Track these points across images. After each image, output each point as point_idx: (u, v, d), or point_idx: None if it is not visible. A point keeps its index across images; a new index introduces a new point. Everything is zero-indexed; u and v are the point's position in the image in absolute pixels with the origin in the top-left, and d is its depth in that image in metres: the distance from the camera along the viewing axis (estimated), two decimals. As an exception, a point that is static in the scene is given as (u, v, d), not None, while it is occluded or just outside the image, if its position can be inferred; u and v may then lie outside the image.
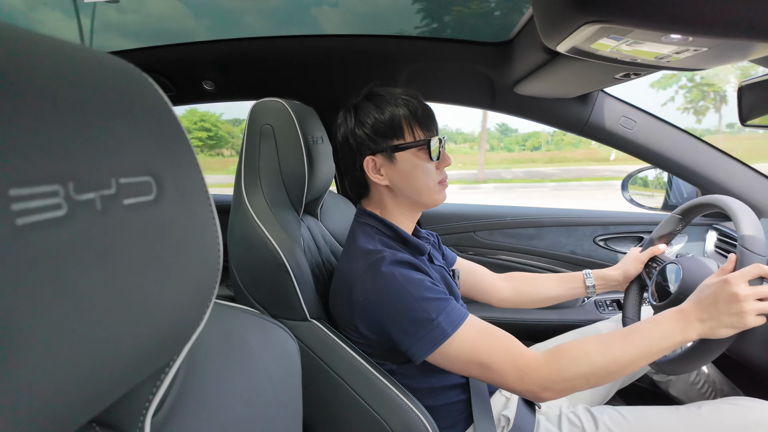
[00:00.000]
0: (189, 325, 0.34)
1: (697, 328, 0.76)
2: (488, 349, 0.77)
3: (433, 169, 0.88)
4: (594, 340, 0.77)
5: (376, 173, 0.89)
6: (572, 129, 1.44)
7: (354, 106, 0.90)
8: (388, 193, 0.91)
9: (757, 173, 1.36)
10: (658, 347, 0.75)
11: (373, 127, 0.86)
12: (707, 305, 0.76)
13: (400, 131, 0.86)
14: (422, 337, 0.77)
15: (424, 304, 0.77)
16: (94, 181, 0.24)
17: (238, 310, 0.57)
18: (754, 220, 0.87)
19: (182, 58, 1.47)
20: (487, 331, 0.80)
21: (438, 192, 0.90)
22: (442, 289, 0.83)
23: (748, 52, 0.66)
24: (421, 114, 0.87)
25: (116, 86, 0.28)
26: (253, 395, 0.48)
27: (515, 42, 1.24)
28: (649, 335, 0.76)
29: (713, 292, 0.76)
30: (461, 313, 0.80)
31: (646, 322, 0.79)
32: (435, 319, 0.76)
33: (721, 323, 0.75)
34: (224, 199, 1.88)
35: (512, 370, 0.76)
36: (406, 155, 0.87)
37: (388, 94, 0.88)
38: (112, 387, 0.27)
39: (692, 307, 0.77)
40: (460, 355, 0.77)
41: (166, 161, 0.30)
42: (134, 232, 0.26)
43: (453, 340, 0.77)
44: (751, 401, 0.88)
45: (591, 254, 1.68)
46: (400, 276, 0.79)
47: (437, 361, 0.79)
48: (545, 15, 0.65)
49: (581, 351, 0.76)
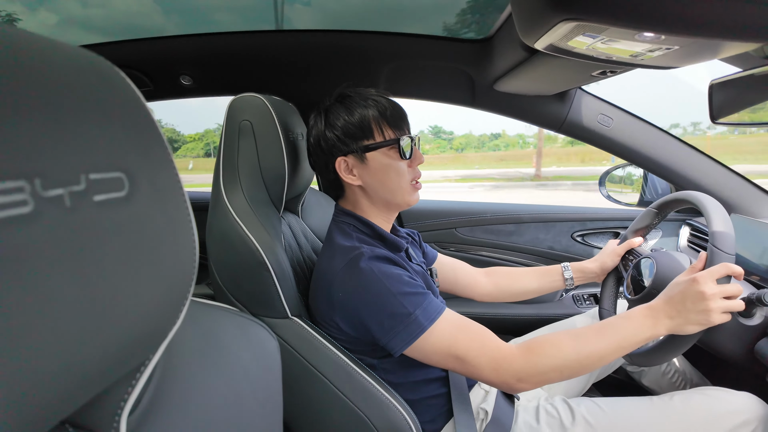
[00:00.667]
0: (164, 325, 0.33)
1: (666, 324, 0.79)
2: (465, 342, 0.79)
3: (405, 167, 0.90)
4: (568, 335, 0.80)
5: (349, 174, 0.89)
6: (551, 126, 1.46)
7: (324, 109, 0.90)
8: (362, 193, 0.92)
9: (728, 170, 1.40)
10: (629, 342, 0.78)
11: (342, 129, 0.87)
12: (676, 303, 0.79)
13: (370, 132, 0.87)
14: (400, 331, 0.78)
15: (401, 299, 0.78)
16: (62, 177, 0.23)
17: (216, 308, 0.56)
18: (725, 216, 0.89)
19: (159, 53, 1.44)
20: (464, 324, 0.81)
21: (410, 193, 0.91)
22: (419, 283, 0.84)
23: (717, 51, 0.68)
24: (391, 113, 0.88)
25: (86, 80, 0.27)
26: (231, 394, 0.48)
27: (494, 39, 1.25)
28: (620, 331, 0.79)
29: (682, 291, 0.79)
30: (438, 307, 0.81)
31: (617, 318, 0.82)
32: (412, 313, 0.78)
33: (688, 320, 0.78)
34: (202, 197, 1.85)
35: (488, 363, 0.78)
36: (376, 155, 0.88)
37: (359, 96, 0.89)
38: (83, 387, 0.27)
39: (662, 305, 0.80)
40: (437, 348, 0.79)
41: (138, 157, 0.29)
42: (105, 229, 0.26)
43: (430, 333, 0.78)
44: (719, 391, 0.91)
45: (569, 249, 1.71)
46: (378, 271, 0.80)
47: (415, 354, 0.80)
48: (523, 13, 0.66)
49: (555, 345, 0.78)
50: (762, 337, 0.92)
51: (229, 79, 1.50)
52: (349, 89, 0.91)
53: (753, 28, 0.56)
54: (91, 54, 0.29)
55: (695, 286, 0.78)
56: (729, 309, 0.78)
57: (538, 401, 0.99)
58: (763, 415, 0.86)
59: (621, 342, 0.78)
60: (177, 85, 1.49)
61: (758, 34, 0.58)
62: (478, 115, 47.35)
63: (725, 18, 0.55)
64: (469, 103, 1.47)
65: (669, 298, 0.80)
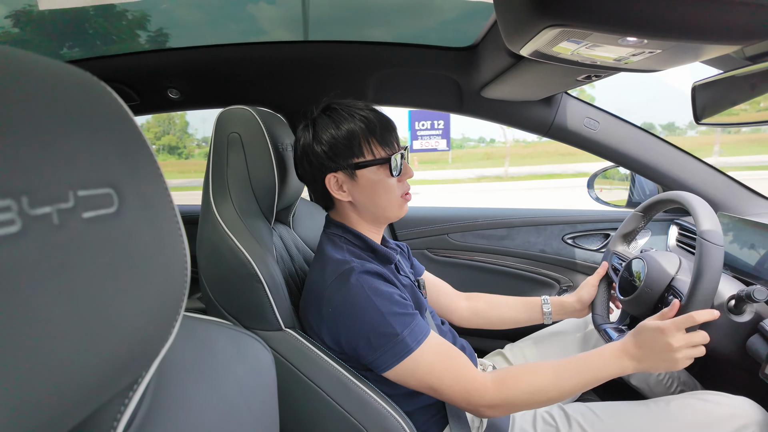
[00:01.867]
0: (156, 341, 0.32)
1: (634, 365, 0.84)
2: (441, 369, 0.81)
3: (394, 183, 0.90)
4: (544, 371, 0.83)
5: (339, 190, 0.89)
6: (538, 131, 1.47)
7: (312, 121, 0.89)
8: (352, 208, 0.92)
9: (713, 169, 1.42)
10: (597, 379, 0.84)
11: (330, 144, 0.86)
12: (645, 349, 0.83)
13: (359, 149, 0.86)
14: (386, 351, 0.79)
15: (390, 318, 0.79)
16: (49, 195, 0.23)
17: (208, 322, 0.55)
18: (712, 215, 0.91)
19: (145, 67, 1.43)
20: (444, 350, 0.83)
21: (399, 207, 0.92)
22: (408, 302, 0.85)
23: (699, 54, 0.69)
24: (380, 130, 0.87)
25: (72, 96, 0.27)
26: (226, 408, 0.47)
27: (480, 47, 1.27)
28: (590, 370, 0.83)
29: (651, 339, 0.83)
30: (424, 328, 0.82)
31: (590, 356, 0.86)
32: (400, 334, 0.78)
33: (655, 365, 0.83)
34: (192, 210, 1.84)
35: (460, 393, 0.81)
36: (367, 172, 0.87)
37: (346, 109, 0.88)
38: (74, 408, 0.26)
39: (632, 348, 0.84)
40: (416, 371, 0.80)
41: (127, 172, 0.29)
42: (95, 246, 0.25)
43: (414, 355, 0.79)
44: (717, 395, 0.91)
45: (560, 252, 1.72)
46: (369, 288, 0.80)
47: (397, 375, 0.81)
48: (508, 20, 0.67)
49: (529, 381, 0.82)
50: (753, 333, 0.93)
51: (217, 92, 1.50)
52: (335, 101, 0.91)
53: (733, 31, 0.58)
54: (77, 69, 0.28)
55: (663, 338, 0.81)
56: (695, 356, 0.82)
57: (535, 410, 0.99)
58: (761, 419, 0.86)
59: (590, 380, 0.83)
60: (164, 99, 1.49)
61: (738, 37, 0.59)
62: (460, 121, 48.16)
63: (706, 21, 0.56)
64: (456, 110, 1.48)
65: (639, 343, 0.84)
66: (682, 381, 1.26)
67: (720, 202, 1.40)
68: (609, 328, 1.10)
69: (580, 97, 1.45)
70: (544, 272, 1.72)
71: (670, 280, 0.99)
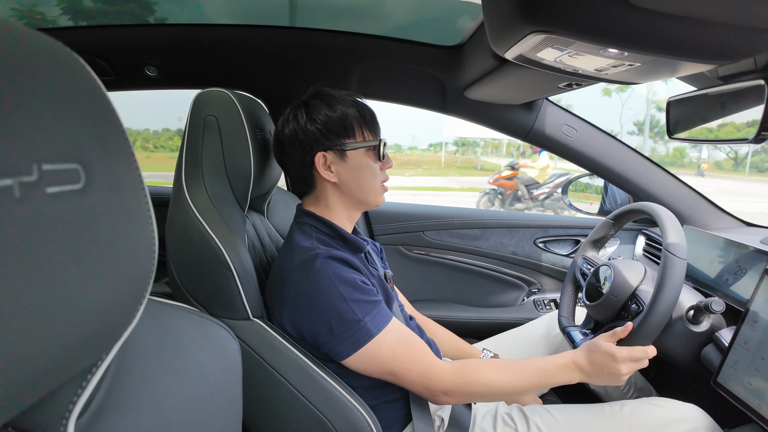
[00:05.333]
0: (119, 324, 0.32)
1: (582, 377, 0.90)
2: (402, 353, 0.83)
3: (378, 169, 0.93)
4: (500, 368, 0.88)
5: (326, 170, 0.89)
6: (517, 135, 1.49)
7: (304, 103, 0.90)
8: (334, 190, 0.92)
9: (681, 183, 1.47)
10: (547, 384, 0.90)
11: (325, 123, 0.87)
12: (595, 367, 0.89)
13: (352, 131, 0.89)
14: (347, 337, 0.79)
15: (352, 305, 0.79)
16: (11, 167, 0.22)
17: (175, 307, 0.54)
18: (678, 228, 0.94)
19: (123, 41, 1.39)
20: (405, 336, 0.85)
21: (380, 194, 0.95)
22: (372, 288, 0.85)
23: (675, 70, 0.71)
24: (369, 116, 0.91)
25: (41, 66, 0.26)
26: (188, 395, 0.46)
27: (466, 47, 1.27)
28: (543, 374, 0.89)
29: (602, 360, 0.88)
30: (386, 315, 0.83)
31: (545, 362, 0.91)
32: (361, 320, 0.79)
33: (600, 381, 0.90)
34: (162, 192, 1.80)
35: (419, 377, 0.83)
36: (357, 154, 0.89)
37: (338, 95, 0.91)
38: (28, 388, 0.25)
39: (585, 364, 0.90)
40: (377, 357, 0.81)
41: (96, 148, 0.28)
42: (57, 222, 0.25)
43: (375, 342, 0.80)
44: (668, 402, 0.96)
45: (531, 255, 1.75)
46: (333, 274, 0.80)
47: (358, 362, 0.82)
48: (495, 23, 0.67)
49: (486, 375, 0.86)
50: (708, 342, 0.97)
51: (197, 72, 1.46)
52: (325, 89, 0.92)
53: (708, 50, 0.60)
54: (48, 38, 0.27)
55: (615, 364, 0.87)
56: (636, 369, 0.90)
57: (496, 409, 1.01)
58: (707, 425, 0.91)
59: (540, 384, 0.89)
60: (141, 76, 1.44)
61: (713, 56, 0.61)
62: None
63: (683, 39, 0.58)
64: (439, 108, 1.49)
65: (590, 361, 0.89)
66: (639, 387, 1.30)
67: (686, 215, 1.45)
68: (573, 331, 1.13)
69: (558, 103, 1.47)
70: (514, 274, 1.76)
71: (633, 289, 1.02)
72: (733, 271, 1.09)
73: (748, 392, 0.83)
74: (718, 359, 0.92)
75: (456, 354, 1.21)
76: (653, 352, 0.89)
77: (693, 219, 1.45)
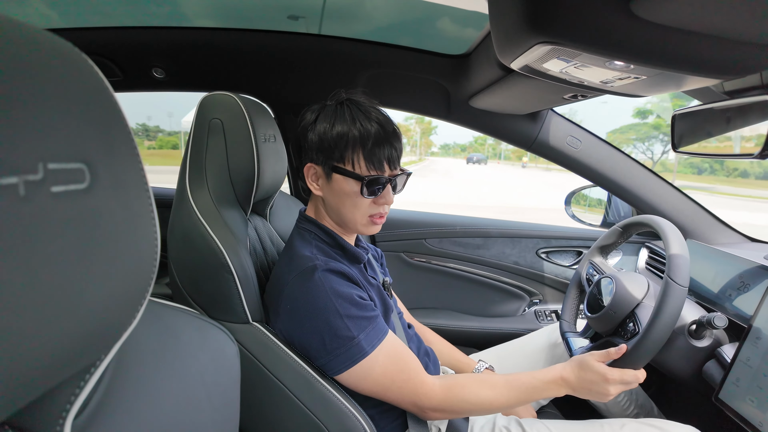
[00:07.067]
0: (119, 324, 0.32)
1: (569, 392, 0.90)
2: (394, 371, 0.82)
3: (365, 202, 0.86)
4: (488, 385, 0.87)
5: (314, 182, 0.88)
6: (522, 144, 1.49)
7: (322, 106, 0.87)
8: (322, 204, 0.91)
9: (686, 197, 1.47)
10: (535, 398, 0.89)
11: (320, 137, 0.84)
12: (584, 384, 0.88)
13: (341, 156, 0.83)
14: (341, 354, 0.78)
15: (347, 321, 0.78)
16: (16, 165, 0.22)
17: (175, 309, 0.54)
18: (682, 243, 0.93)
19: (131, 43, 1.40)
20: (398, 354, 0.83)
21: (365, 226, 0.89)
22: (370, 303, 0.84)
23: (681, 83, 0.71)
24: (372, 145, 0.82)
25: (49, 65, 0.26)
26: (186, 398, 0.46)
27: (472, 56, 1.28)
28: (532, 391, 0.88)
29: (593, 380, 0.87)
30: (381, 331, 0.82)
31: (534, 379, 0.89)
32: (356, 337, 0.78)
33: (586, 397, 0.90)
34: (166, 193, 1.80)
35: (409, 395, 0.83)
36: (341, 179, 0.84)
37: (355, 110, 0.84)
38: (26, 387, 0.25)
39: (574, 381, 0.89)
40: (369, 375, 0.80)
41: (102, 149, 0.28)
42: (61, 221, 0.25)
43: (368, 359, 0.79)
44: (667, 423, 0.94)
45: (533, 265, 1.75)
46: (330, 288, 0.79)
47: (350, 379, 0.81)
48: (501, 33, 0.68)
49: (475, 393, 0.85)
50: (710, 358, 0.96)
51: (204, 75, 1.47)
52: (355, 96, 0.87)
53: (715, 65, 0.60)
54: (57, 38, 0.27)
55: (605, 384, 0.86)
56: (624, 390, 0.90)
57: (494, 420, 1.00)
58: None
59: (529, 399, 0.88)
60: (149, 77, 1.45)
61: (719, 71, 0.61)
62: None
63: (690, 53, 0.58)
64: (444, 117, 1.49)
65: (580, 379, 0.88)
66: (639, 404, 1.29)
67: (690, 229, 1.45)
68: (573, 338, 1.13)
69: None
70: (516, 284, 1.75)
71: (634, 306, 1.01)
72: (736, 286, 1.08)
73: (750, 410, 0.82)
74: (719, 375, 0.91)
75: (451, 364, 1.20)
76: (643, 377, 0.87)
77: (697, 233, 1.44)
